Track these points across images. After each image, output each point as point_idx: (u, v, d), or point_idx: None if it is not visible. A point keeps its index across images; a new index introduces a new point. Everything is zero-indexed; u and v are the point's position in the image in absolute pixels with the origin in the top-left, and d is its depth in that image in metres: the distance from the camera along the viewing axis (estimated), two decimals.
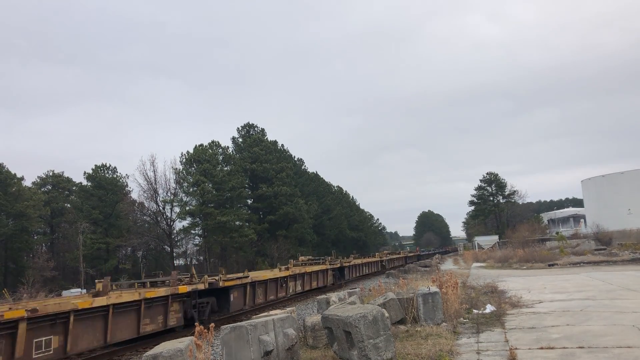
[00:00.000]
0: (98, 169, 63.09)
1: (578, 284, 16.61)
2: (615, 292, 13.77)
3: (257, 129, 77.74)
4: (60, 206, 66.92)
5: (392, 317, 9.68)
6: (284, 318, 7.54)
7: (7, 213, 54.03)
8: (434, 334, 8.79)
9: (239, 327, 6.80)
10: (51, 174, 71.13)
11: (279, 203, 68.70)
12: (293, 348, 7.46)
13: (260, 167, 69.62)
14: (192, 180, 58.92)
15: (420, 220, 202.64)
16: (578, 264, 28.13)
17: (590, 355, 6.69)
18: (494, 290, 15.73)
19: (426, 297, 10.20)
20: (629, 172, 68.78)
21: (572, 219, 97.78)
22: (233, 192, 61.47)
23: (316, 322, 9.03)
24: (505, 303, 12.50)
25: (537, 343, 7.71)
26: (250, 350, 6.60)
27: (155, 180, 55.54)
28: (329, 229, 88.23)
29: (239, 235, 58.69)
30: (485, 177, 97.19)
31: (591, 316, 9.91)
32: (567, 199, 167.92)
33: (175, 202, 57.46)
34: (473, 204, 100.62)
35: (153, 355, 5.77)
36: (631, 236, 46.60)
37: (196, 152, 62.22)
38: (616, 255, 31.14)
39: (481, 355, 7.24)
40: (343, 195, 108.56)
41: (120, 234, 58.76)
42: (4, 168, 56.62)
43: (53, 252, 63.04)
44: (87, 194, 61.74)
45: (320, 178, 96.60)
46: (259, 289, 17.94)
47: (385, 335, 6.73)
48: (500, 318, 10.49)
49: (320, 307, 12.31)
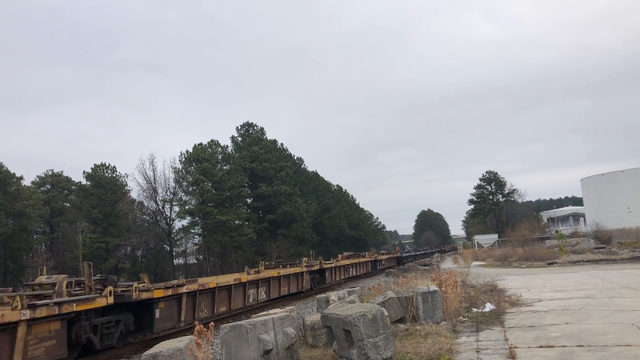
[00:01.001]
0: (97, 168, 63.04)
1: (577, 283, 16.63)
2: (614, 290, 13.78)
3: (257, 128, 77.71)
4: (60, 205, 66.88)
5: (392, 316, 9.69)
6: (283, 317, 7.55)
7: (6, 212, 53.97)
8: (433, 333, 8.80)
9: (238, 326, 6.80)
10: (50, 173, 71.08)
11: (278, 202, 68.69)
12: (293, 347, 7.47)
13: (260, 166, 69.59)
14: (192, 180, 58.88)
15: (420, 219, 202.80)
16: (577, 262, 28.16)
17: (590, 354, 6.70)
18: (494, 289, 15.75)
19: (426, 295, 10.20)
20: (628, 171, 68.79)
21: (572, 218, 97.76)
22: (232, 191, 61.44)
23: (316, 321, 9.03)
24: (504, 302, 12.51)
25: (537, 342, 7.71)
26: (249, 349, 6.61)
27: (154, 180, 55.54)
28: (328, 228, 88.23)
29: (238, 235, 58.68)
30: (485, 176, 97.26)
31: (591, 315, 9.92)
32: (566, 198, 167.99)
33: (175, 201, 57.44)
34: (472, 202, 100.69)
35: (152, 354, 5.77)
36: (630, 235, 46.63)
37: (195, 151, 62.18)
38: (616, 254, 31.17)
39: (481, 354, 7.24)
40: (342, 194, 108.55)
41: (120, 233, 58.73)
42: (3, 167, 56.56)
43: (52, 251, 63.00)
44: (86, 193, 61.70)
45: (320, 177, 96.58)
46: (203, 300, 14.63)
47: (385, 334, 6.73)
48: (500, 317, 10.50)
49: (319, 306, 12.32)
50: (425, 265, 37.08)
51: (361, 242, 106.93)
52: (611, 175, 70.39)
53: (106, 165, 64.09)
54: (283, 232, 66.97)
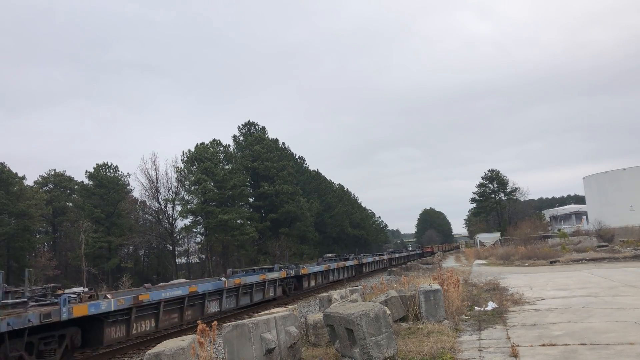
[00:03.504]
0: (100, 168, 63.17)
1: (580, 281, 16.60)
2: (617, 288, 13.75)
3: (258, 127, 77.78)
4: (62, 205, 66.97)
5: (394, 315, 9.69)
6: (285, 316, 7.56)
7: (9, 212, 54.11)
8: (435, 331, 8.79)
9: (241, 325, 6.82)
10: (53, 172, 71.20)
11: (280, 201, 68.76)
12: (295, 346, 7.48)
13: (262, 166, 69.65)
14: (194, 179, 58.95)
15: (422, 217, 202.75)
16: (580, 261, 28.12)
17: (592, 352, 6.69)
18: (496, 288, 15.74)
19: (428, 294, 10.20)
20: (630, 169, 68.61)
21: (574, 216, 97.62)
22: (234, 191, 61.50)
23: (318, 319, 9.04)
24: (507, 300, 12.49)
25: (539, 340, 7.71)
26: (252, 348, 6.62)
27: (157, 179, 55.54)
28: (330, 227, 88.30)
29: (240, 234, 58.76)
30: (487, 175, 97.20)
31: (593, 313, 9.91)
32: (568, 196, 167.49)
33: (177, 200, 57.49)
34: (475, 201, 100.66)
35: (155, 353, 5.79)
36: (633, 233, 46.60)
37: (197, 151, 62.27)
38: (618, 252, 31.11)
39: (483, 353, 7.24)
40: (344, 193, 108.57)
41: (122, 233, 58.83)
42: (5, 167, 56.71)
43: (55, 251, 63.14)
44: (88, 193, 61.83)
45: (322, 176, 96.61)
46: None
47: (387, 332, 6.73)
48: (502, 315, 10.49)
49: (322, 305, 12.32)
50: (427, 264, 37.11)
51: (363, 241, 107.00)
52: (614, 174, 70.22)
53: (108, 165, 64.24)
54: (285, 231, 67.06)
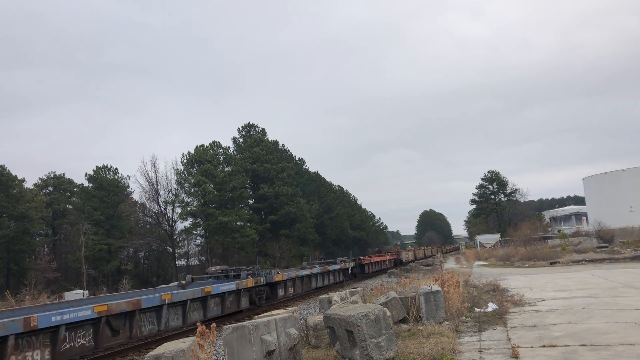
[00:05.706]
0: (99, 170, 63.11)
1: (580, 282, 16.60)
2: (617, 289, 13.75)
3: (258, 129, 77.74)
4: (62, 208, 66.91)
5: (394, 316, 9.68)
6: (286, 318, 7.55)
7: (9, 215, 54.07)
8: (436, 333, 8.79)
9: (241, 327, 6.81)
10: (52, 175, 71.18)
11: (280, 203, 68.72)
12: (295, 348, 7.47)
13: (261, 167, 69.63)
14: (194, 181, 58.92)
15: (422, 219, 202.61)
16: (580, 261, 28.11)
17: (593, 353, 6.69)
18: (496, 289, 15.74)
19: (428, 295, 10.19)
20: (630, 170, 68.65)
21: (574, 217, 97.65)
22: (234, 193, 61.50)
23: (318, 321, 9.04)
24: (507, 301, 12.49)
25: (540, 341, 7.71)
26: (252, 350, 6.61)
27: (156, 181, 55.50)
28: (330, 228, 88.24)
29: (240, 236, 58.71)
30: (487, 176, 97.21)
31: (593, 314, 9.91)
32: (568, 197, 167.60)
33: (177, 202, 57.46)
34: (475, 202, 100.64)
35: (155, 355, 5.78)
36: (633, 234, 46.60)
37: (197, 153, 62.25)
38: (618, 253, 31.12)
39: (483, 354, 7.24)
40: (344, 195, 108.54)
41: (122, 235, 58.80)
42: (5, 170, 56.70)
43: (55, 253, 63.06)
44: (88, 196, 61.77)
45: (322, 178, 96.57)
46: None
47: (388, 334, 6.73)
48: (503, 316, 10.49)
49: (322, 307, 12.31)
50: (427, 266, 37.10)
51: (363, 243, 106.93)
52: (613, 174, 70.27)
53: (108, 167, 64.18)
54: (285, 233, 67.00)
